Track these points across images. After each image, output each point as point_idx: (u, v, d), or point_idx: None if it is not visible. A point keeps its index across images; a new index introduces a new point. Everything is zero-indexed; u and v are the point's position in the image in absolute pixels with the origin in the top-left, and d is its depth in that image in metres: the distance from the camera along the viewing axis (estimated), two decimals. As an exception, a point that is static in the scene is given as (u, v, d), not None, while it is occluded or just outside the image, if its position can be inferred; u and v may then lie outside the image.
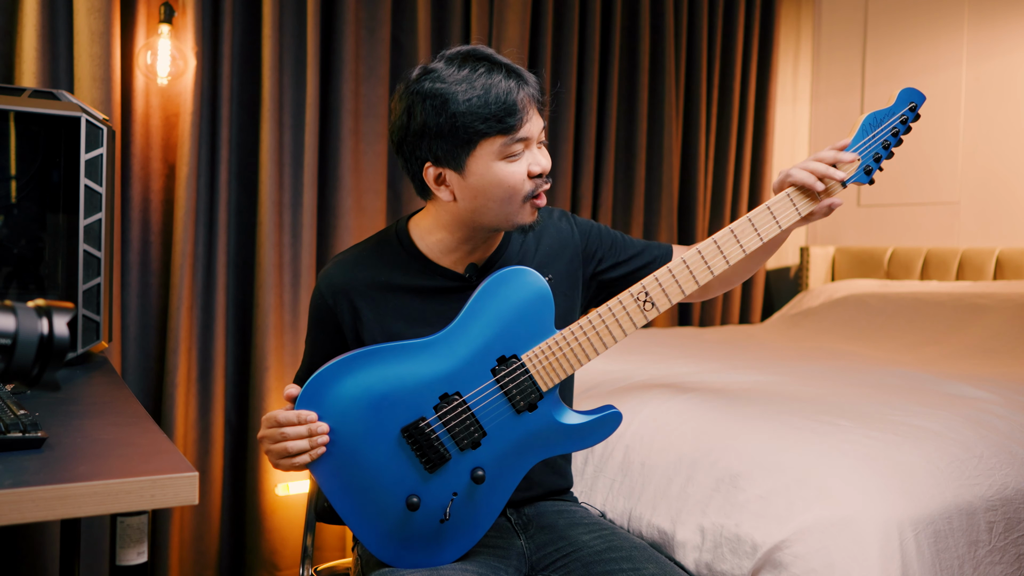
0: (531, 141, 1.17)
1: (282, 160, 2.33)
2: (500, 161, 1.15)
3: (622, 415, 1.16)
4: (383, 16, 2.48)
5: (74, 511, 0.80)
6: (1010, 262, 2.89)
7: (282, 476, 2.30)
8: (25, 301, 0.74)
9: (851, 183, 1.20)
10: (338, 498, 1.13)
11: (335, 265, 1.29)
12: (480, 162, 1.15)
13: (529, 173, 1.16)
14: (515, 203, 1.17)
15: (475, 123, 1.12)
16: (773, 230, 1.18)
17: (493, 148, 1.14)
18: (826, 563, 1.15)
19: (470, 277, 1.25)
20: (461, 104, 1.12)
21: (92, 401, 1.27)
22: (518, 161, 1.16)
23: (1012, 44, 3.00)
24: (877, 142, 1.20)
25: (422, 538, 1.14)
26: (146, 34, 2.16)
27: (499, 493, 1.15)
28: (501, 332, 1.13)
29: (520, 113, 1.14)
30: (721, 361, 2.08)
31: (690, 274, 1.16)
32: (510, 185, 1.16)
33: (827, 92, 3.65)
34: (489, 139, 1.14)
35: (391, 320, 1.24)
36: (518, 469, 1.15)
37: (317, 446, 1.10)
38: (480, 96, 1.12)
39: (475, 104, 1.12)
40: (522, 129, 1.15)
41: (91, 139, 1.58)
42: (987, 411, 1.56)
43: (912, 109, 1.19)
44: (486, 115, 1.12)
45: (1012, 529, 1.32)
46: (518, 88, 1.14)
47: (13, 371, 0.72)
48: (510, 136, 1.14)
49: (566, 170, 2.89)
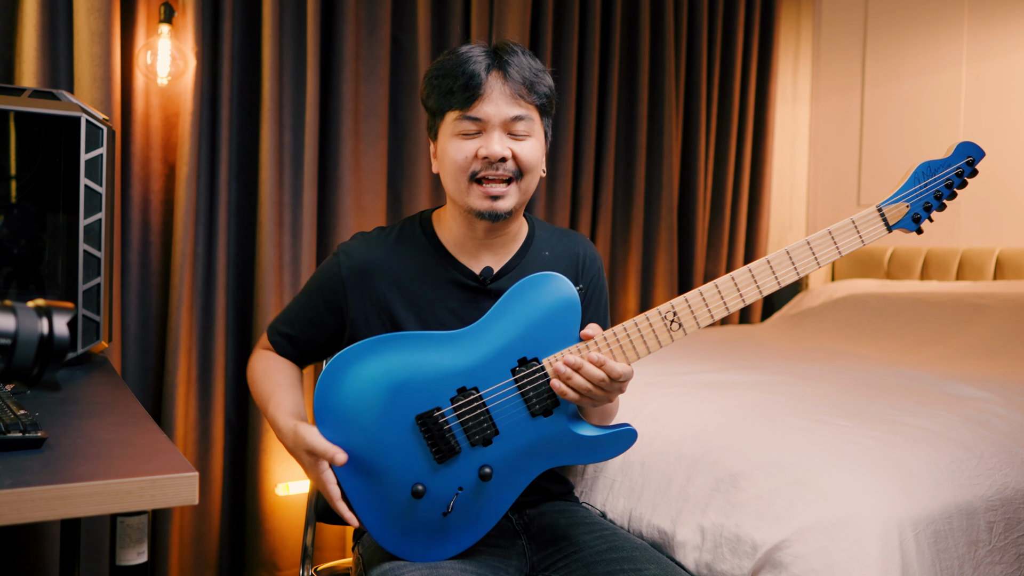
0: (488, 124, 1.18)
1: (282, 160, 2.33)
2: (454, 136, 1.20)
3: (637, 433, 1.16)
4: (383, 16, 2.48)
5: (74, 511, 0.80)
6: (1010, 262, 2.89)
7: (282, 476, 2.30)
8: (25, 301, 0.74)
9: (897, 229, 1.17)
10: (347, 477, 1.14)
11: (360, 242, 1.31)
12: (443, 135, 1.22)
13: (476, 154, 1.18)
14: (461, 181, 1.20)
15: (436, 94, 1.21)
16: (811, 266, 1.15)
17: (450, 122, 1.20)
18: (826, 563, 1.15)
19: (485, 279, 1.25)
20: (433, 76, 1.21)
21: (92, 401, 1.27)
22: (471, 140, 1.19)
23: (1012, 44, 3.00)
24: (929, 192, 1.18)
25: (424, 529, 1.14)
26: (146, 34, 2.16)
27: (505, 494, 1.15)
28: (525, 334, 1.13)
29: (476, 91, 1.17)
30: (721, 361, 2.08)
31: (721, 300, 1.13)
32: (454, 160, 1.20)
33: (827, 92, 3.65)
34: (451, 112, 1.20)
35: (399, 306, 1.24)
36: (526, 473, 1.15)
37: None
38: (448, 71, 1.19)
39: (439, 76, 1.20)
40: (476, 108, 1.17)
41: (91, 139, 1.58)
42: (987, 411, 1.56)
43: (970, 163, 1.17)
44: (446, 89, 1.19)
45: (1012, 529, 1.32)
46: (487, 70, 1.18)
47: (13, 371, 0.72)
48: (462, 112, 1.18)
49: (566, 170, 2.89)
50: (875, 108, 3.43)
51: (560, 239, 1.35)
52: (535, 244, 1.32)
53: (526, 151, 1.20)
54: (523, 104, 1.19)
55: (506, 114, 1.18)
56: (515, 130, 1.19)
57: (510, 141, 1.19)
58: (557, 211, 2.89)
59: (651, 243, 3.13)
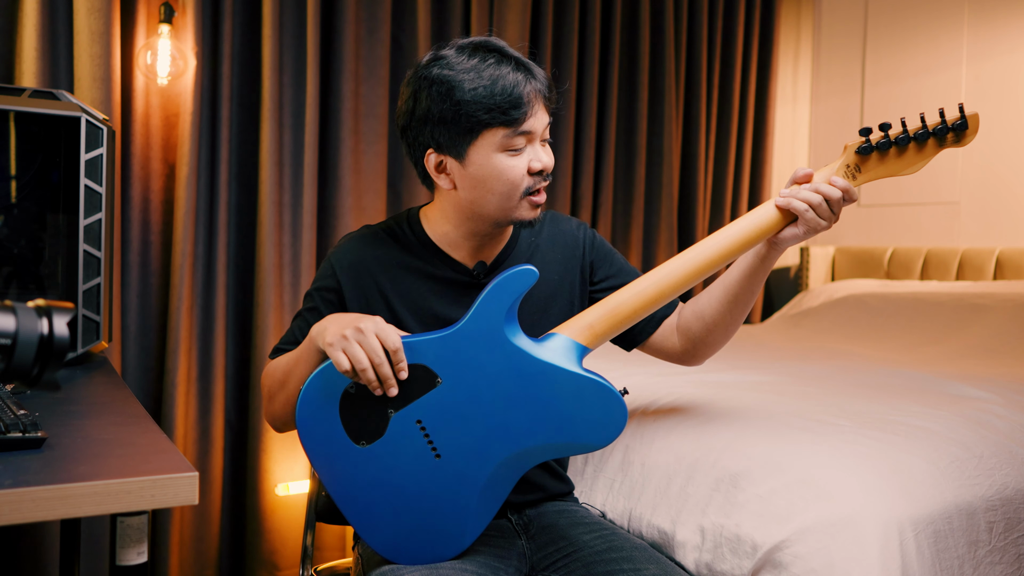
0: (534, 136, 1.17)
1: (282, 160, 2.33)
2: (501, 153, 1.15)
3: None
4: (383, 16, 2.48)
5: (74, 511, 0.80)
6: (1010, 262, 2.89)
7: (282, 476, 2.30)
8: (25, 301, 0.74)
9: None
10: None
11: (348, 241, 1.29)
12: (481, 152, 1.15)
13: (529, 169, 1.17)
14: (514, 197, 1.17)
15: (479, 113, 1.13)
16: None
17: (495, 139, 1.15)
18: (826, 563, 1.15)
19: (478, 274, 1.25)
20: (467, 93, 1.13)
21: (92, 401, 1.27)
22: (519, 155, 1.16)
23: (1012, 44, 3.00)
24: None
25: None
26: (146, 34, 2.16)
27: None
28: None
29: (525, 107, 1.14)
30: (721, 361, 2.08)
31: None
32: (509, 179, 1.16)
33: (827, 92, 3.65)
34: (492, 130, 1.14)
35: (399, 303, 1.24)
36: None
37: (387, 377, 1.06)
38: (487, 86, 1.13)
39: (481, 94, 1.12)
40: (526, 123, 1.15)
41: (91, 139, 1.58)
42: (987, 411, 1.56)
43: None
44: (491, 105, 1.12)
45: (1012, 529, 1.32)
46: (525, 81, 1.15)
47: (13, 371, 0.72)
48: (513, 129, 1.14)
49: (566, 170, 2.89)
50: (875, 108, 3.43)
51: (543, 223, 1.35)
52: (522, 233, 1.32)
53: (551, 155, 1.22)
54: (548, 110, 1.20)
55: (544, 123, 1.18)
56: (545, 136, 1.20)
57: (544, 149, 1.20)
58: (557, 211, 2.88)
59: (651, 243, 3.13)
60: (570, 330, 1.15)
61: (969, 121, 1.14)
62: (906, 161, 1.17)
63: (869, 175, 1.18)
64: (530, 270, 1.08)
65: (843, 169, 1.18)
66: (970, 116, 1.14)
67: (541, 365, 1.09)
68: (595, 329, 1.15)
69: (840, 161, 1.18)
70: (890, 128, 1.15)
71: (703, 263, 1.16)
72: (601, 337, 1.16)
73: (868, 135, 1.16)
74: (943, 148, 1.16)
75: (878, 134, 1.16)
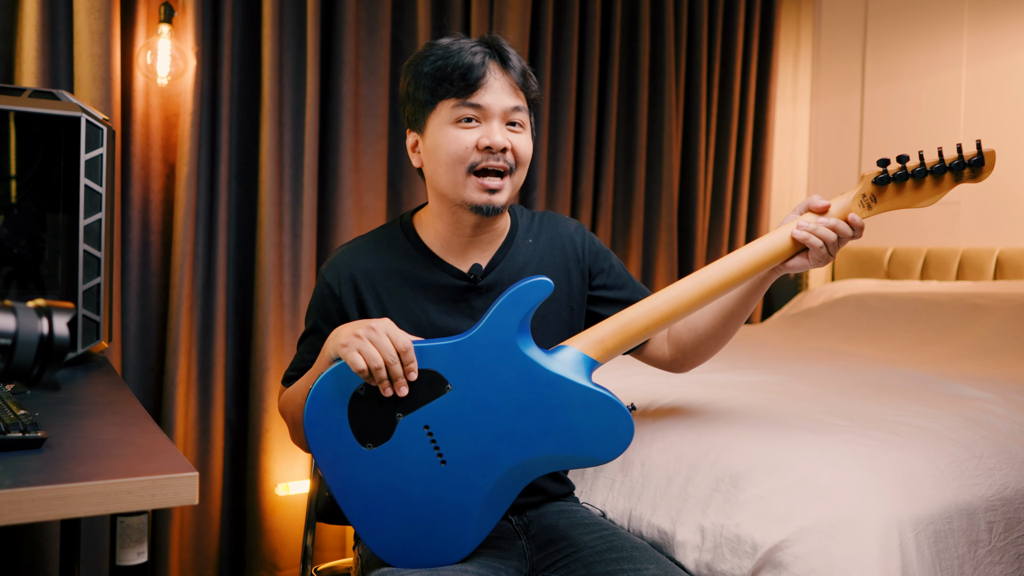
0: (490, 113, 1.17)
1: (282, 160, 2.33)
2: (452, 125, 1.17)
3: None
4: (383, 16, 2.48)
5: (74, 511, 0.80)
6: (1010, 262, 2.89)
7: (282, 476, 2.30)
8: (25, 301, 0.74)
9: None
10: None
11: (340, 254, 1.28)
12: (435, 122, 1.18)
13: (478, 144, 1.16)
14: (459, 172, 1.17)
15: (434, 84, 1.16)
16: None
17: (447, 110, 1.17)
18: (826, 563, 1.15)
19: (475, 277, 1.25)
20: (428, 66, 1.17)
21: (92, 401, 1.27)
22: (471, 130, 1.16)
23: (1012, 44, 3.00)
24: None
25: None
26: (146, 34, 2.16)
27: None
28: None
29: (478, 77, 1.15)
30: (721, 361, 2.08)
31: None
32: (453, 151, 1.16)
33: (827, 92, 3.65)
34: (445, 101, 1.17)
35: (396, 315, 1.24)
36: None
37: (398, 376, 1.05)
38: (444, 59, 1.16)
39: (439, 66, 1.16)
40: (477, 95, 1.16)
41: (91, 139, 1.58)
42: (987, 411, 1.56)
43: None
44: (443, 76, 1.16)
45: (1012, 529, 1.32)
46: (485, 59, 1.16)
47: (13, 371, 0.72)
48: (462, 100, 1.15)
49: (566, 170, 2.89)
50: (875, 108, 3.43)
51: (540, 224, 1.34)
52: (519, 234, 1.31)
53: (522, 143, 1.20)
54: (520, 96, 1.19)
55: (506, 104, 1.17)
56: (513, 120, 1.19)
57: (508, 132, 1.18)
58: (557, 211, 2.89)
59: (651, 243, 3.13)
60: (581, 343, 1.15)
61: (986, 158, 1.14)
62: (922, 194, 1.17)
63: (885, 205, 1.18)
64: (546, 282, 1.08)
65: (859, 199, 1.18)
66: (987, 152, 1.14)
67: (551, 376, 1.09)
68: (606, 344, 1.16)
69: (856, 190, 1.18)
70: (908, 160, 1.16)
71: (716, 284, 1.18)
72: (612, 352, 1.17)
73: (886, 166, 1.16)
74: (959, 183, 1.16)
75: (895, 165, 1.17)
